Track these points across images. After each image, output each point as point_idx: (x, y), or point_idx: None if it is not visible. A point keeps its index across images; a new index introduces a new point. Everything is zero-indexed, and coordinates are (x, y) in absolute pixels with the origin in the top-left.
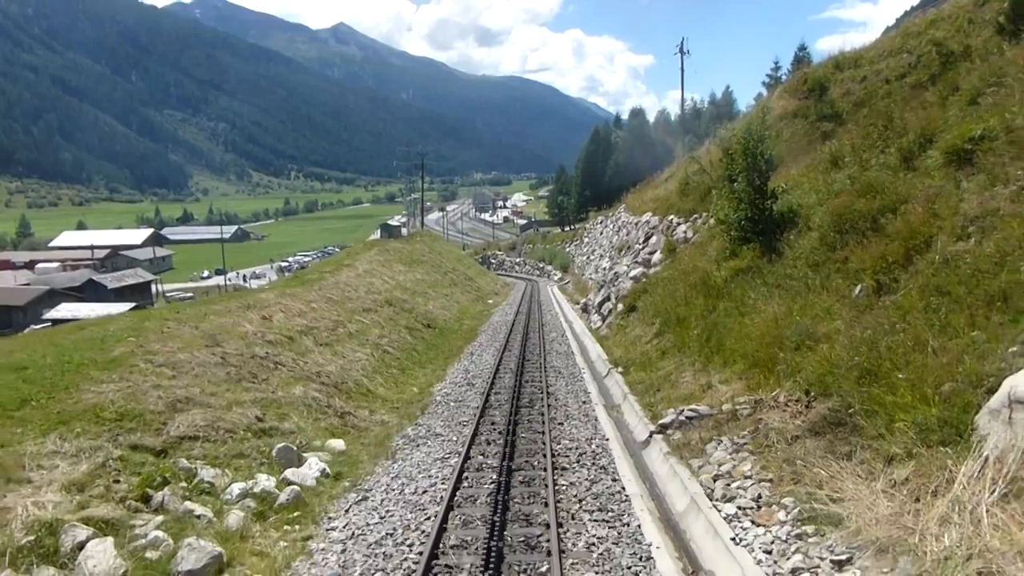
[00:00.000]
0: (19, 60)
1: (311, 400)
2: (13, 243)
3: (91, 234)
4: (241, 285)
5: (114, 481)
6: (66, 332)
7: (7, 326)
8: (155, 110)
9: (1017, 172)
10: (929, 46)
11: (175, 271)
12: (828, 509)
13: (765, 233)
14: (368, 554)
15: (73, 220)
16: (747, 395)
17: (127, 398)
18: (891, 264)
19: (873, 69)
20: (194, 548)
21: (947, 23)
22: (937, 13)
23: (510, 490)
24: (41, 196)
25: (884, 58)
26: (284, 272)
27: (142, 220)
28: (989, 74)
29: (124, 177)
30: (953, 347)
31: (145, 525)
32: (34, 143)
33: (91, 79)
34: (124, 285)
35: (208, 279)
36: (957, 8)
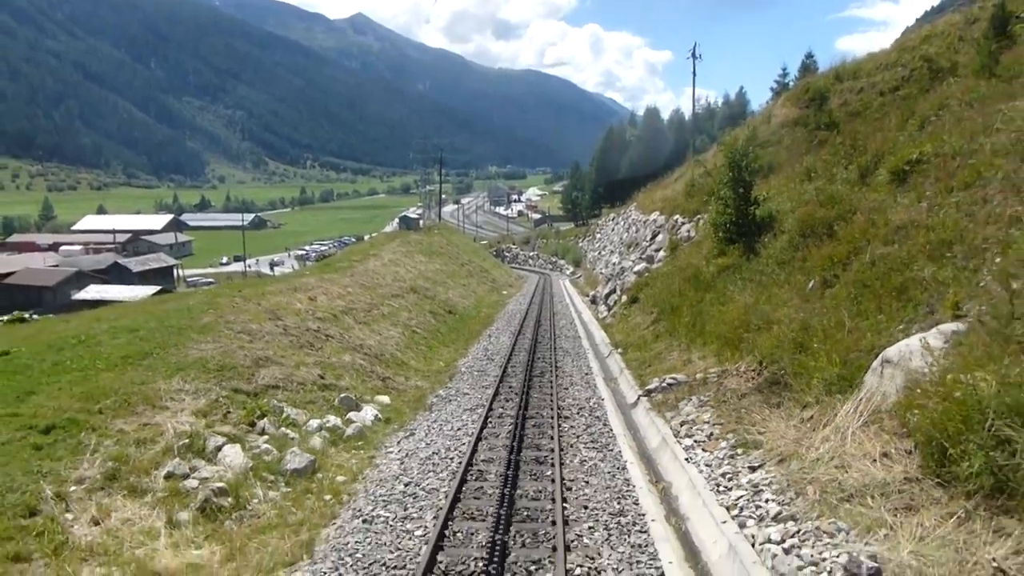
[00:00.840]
0: (42, 46)
1: (358, 366)
2: (36, 225)
3: (113, 218)
4: (263, 272)
5: (226, 412)
6: (155, 304)
7: (37, 305)
8: (173, 97)
9: (930, 191)
10: (920, 61)
11: (194, 257)
12: (754, 438)
13: (747, 235)
14: (420, 465)
15: (92, 204)
16: (717, 367)
17: (222, 355)
18: (836, 263)
19: (870, 81)
20: (296, 454)
21: (939, 39)
22: (931, 29)
23: (524, 429)
24: (61, 180)
25: (880, 71)
26: (305, 261)
27: (160, 206)
28: (937, 103)
29: (142, 163)
30: (862, 327)
31: (255, 441)
32: (55, 128)
33: (111, 66)
34: (147, 269)
35: (227, 265)
36: (949, 25)
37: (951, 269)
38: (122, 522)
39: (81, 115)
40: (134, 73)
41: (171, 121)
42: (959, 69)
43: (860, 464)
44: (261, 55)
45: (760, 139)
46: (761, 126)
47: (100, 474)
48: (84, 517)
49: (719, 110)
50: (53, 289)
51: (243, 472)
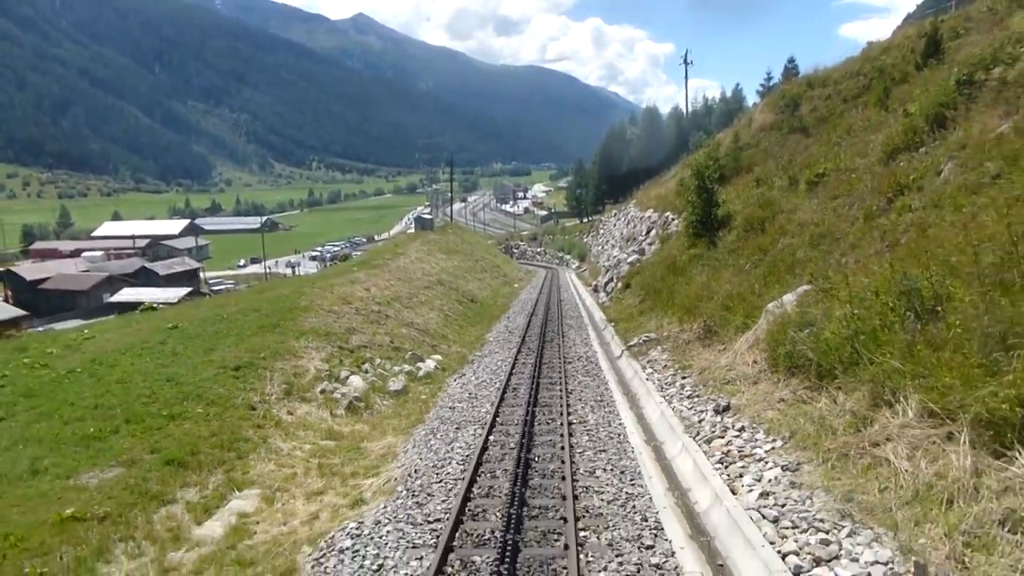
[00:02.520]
0: (48, 53)
1: (413, 336)
2: (55, 232)
3: (131, 224)
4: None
5: (340, 360)
6: (257, 292)
7: (72, 308)
8: (178, 102)
9: (823, 197)
10: (876, 72)
11: (212, 260)
12: (689, 364)
13: (710, 230)
14: (475, 387)
15: (103, 210)
16: (677, 327)
17: (325, 325)
18: (761, 250)
19: (836, 89)
20: (394, 382)
21: (895, 51)
22: (890, 42)
23: (541, 369)
24: (71, 187)
25: (846, 79)
26: (325, 262)
27: (174, 211)
28: (845, 128)
29: (149, 168)
30: (766, 292)
31: (366, 375)
32: (63, 134)
33: (116, 71)
34: (173, 272)
35: (245, 267)
36: (904, 38)
37: (818, 252)
38: (304, 414)
39: (88, 121)
40: (139, 78)
41: (177, 126)
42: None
43: (740, 367)
44: (264, 57)
45: (742, 142)
46: (743, 130)
47: (280, 390)
48: (281, 411)
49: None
50: (87, 293)
51: (365, 391)
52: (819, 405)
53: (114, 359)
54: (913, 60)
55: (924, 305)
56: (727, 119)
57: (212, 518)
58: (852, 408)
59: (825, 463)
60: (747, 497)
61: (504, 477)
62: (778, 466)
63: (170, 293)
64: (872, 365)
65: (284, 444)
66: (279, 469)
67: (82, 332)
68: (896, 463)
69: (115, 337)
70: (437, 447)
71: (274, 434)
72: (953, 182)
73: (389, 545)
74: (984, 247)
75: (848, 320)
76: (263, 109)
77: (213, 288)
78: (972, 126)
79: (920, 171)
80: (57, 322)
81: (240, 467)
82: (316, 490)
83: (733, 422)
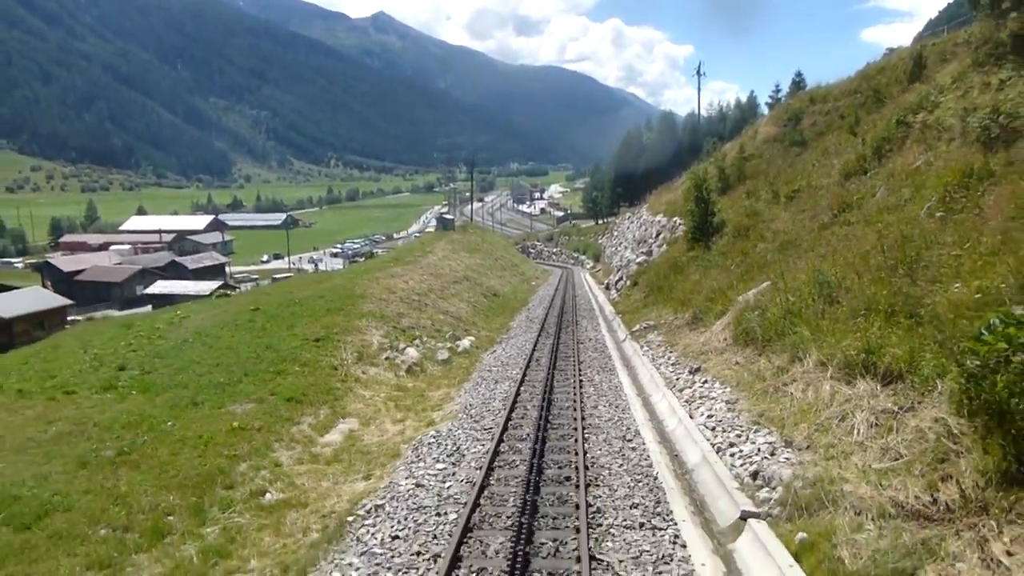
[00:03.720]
0: (73, 48)
1: (450, 321)
2: (82, 226)
3: (157, 219)
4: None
5: (396, 336)
6: (316, 282)
7: (107, 299)
8: (200, 98)
9: (795, 210)
10: (871, 91)
11: (236, 255)
12: (676, 342)
13: (707, 235)
14: (505, 359)
15: (126, 204)
16: (672, 316)
17: (379, 310)
18: (744, 253)
19: (835, 105)
20: (441, 353)
21: (889, 71)
22: (886, 62)
23: (558, 348)
24: (93, 180)
25: (844, 96)
26: (349, 259)
27: (196, 206)
28: (821, 150)
29: (171, 163)
30: (740, 288)
31: (407, 348)
32: (86, 129)
33: (139, 67)
34: (202, 266)
35: (268, 263)
36: (899, 59)
37: (783, 256)
38: (374, 374)
39: (111, 116)
40: (162, 74)
41: (198, 121)
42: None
43: (712, 343)
44: (285, 55)
45: (747, 152)
46: (748, 142)
47: (352, 357)
48: (357, 371)
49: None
50: (121, 285)
51: (419, 359)
52: (759, 364)
53: (216, 332)
54: (903, 81)
55: (830, 292)
56: (741, 125)
57: (329, 433)
58: (777, 364)
59: (753, 397)
60: (698, 419)
61: (533, 408)
62: (722, 401)
63: (202, 286)
64: (793, 335)
65: (365, 392)
66: (366, 407)
67: (176, 312)
68: (794, 394)
69: (206, 317)
70: (483, 393)
71: (355, 386)
72: (880, 203)
73: (460, 439)
74: (874, 252)
75: (782, 305)
76: (283, 106)
77: (240, 283)
78: (899, 159)
79: (862, 192)
80: (95, 311)
81: (338, 406)
82: (398, 418)
83: (700, 378)
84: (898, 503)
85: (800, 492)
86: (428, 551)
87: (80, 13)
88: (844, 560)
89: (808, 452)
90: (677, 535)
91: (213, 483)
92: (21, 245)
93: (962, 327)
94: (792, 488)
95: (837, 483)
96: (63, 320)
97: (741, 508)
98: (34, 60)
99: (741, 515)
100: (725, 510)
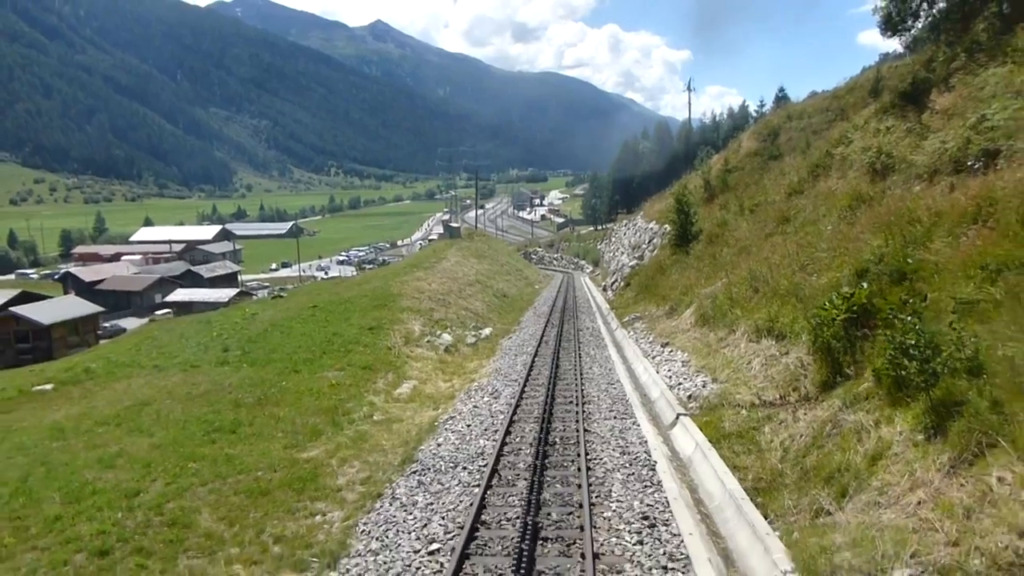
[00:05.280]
0: (73, 61)
1: (471, 316)
2: (91, 237)
3: (166, 230)
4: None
5: (432, 326)
6: (357, 284)
7: (127, 307)
8: (200, 108)
9: (752, 221)
10: (839, 110)
11: (244, 264)
12: (656, 328)
13: (686, 242)
14: (520, 342)
15: (128, 215)
16: (655, 309)
17: (414, 305)
18: (714, 257)
19: (809, 122)
20: (470, 338)
21: (857, 91)
22: (855, 82)
23: (563, 334)
24: (96, 192)
25: (817, 114)
26: (362, 267)
27: (203, 217)
28: (779, 170)
29: (172, 173)
30: (707, 284)
31: (441, 334)
32: (88, 141)
33: (139, 79)
34: (216, 275)
35: (277, 271)
36: (866, 79)
37: (739, 258)
38: (419, 352)
39: (113, 128)
40: (162, 85)
41: (199, 132)
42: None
43: (681, 326)
44: (284, 65)
45: (730, 165)
46: (732, 155)
47: (401, 340)
48: (406, 350)
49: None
50: (140, 293)
51: (453, 342)
52: (709, 336)
53: (288, 324)
54: (866, 100)
55: (756, 284)
56: (733, 133)
57: (399, 388)
58: (720, 335)
59: (700, 357)
60: (662, 373)
61: (545, 369)
62: (680, 361)
63: (220, 293)
64: (731, 315)
65: (416, 364)
66: (420, 373)
67: (246, 309)
68: (726, 353)
69: (273, 313)
70: (507, 362)
71: (408, 360)
72: (807, 217)
73: (497, 386)
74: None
75: (726, 295)
76: (283, 116)
77: (254, 291)
78: (824, 183)
79: (798, 208)
80: (118, 319)
81: (400, 372)
82: (446, 379)
83: (667, 350)
84: (762, 400)
85: (711, 400)
86: (490, 432)
87: (80, 26)
88: (725, 428)
89: (723, 383)
90: (637, 424)
91: (335, 412)
92: (33, 257)
93: (818, 302)
94: (708, 399)
95: (732, 394)
96: (96, 327)
97: (676, 412)
98: (36, 74)
99: (676, 416)
100: (669, 416)
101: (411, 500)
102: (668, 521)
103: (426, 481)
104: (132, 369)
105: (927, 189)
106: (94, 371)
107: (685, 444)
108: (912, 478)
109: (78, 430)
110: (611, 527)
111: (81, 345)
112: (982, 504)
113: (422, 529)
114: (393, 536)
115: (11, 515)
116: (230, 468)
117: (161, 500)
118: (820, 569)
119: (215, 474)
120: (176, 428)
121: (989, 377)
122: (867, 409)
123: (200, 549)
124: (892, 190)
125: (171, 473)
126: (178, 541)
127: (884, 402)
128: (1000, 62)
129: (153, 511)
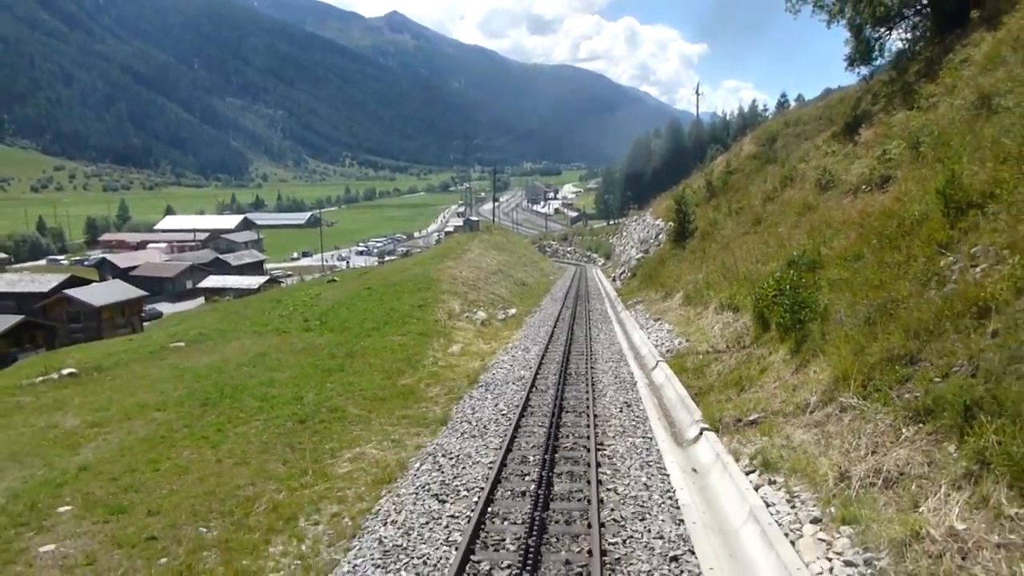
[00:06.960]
0: (92, 50)
1: (498, 299)
2: (115, 225)
3: (189, 218)
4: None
5: (468, 305)
6: (400, 271)
7: (159, 292)
8: (217, 98)
9: (736, 221)
10: (829, 119)
11: (265, 253)
12: (652, 309)
13: (684, 238)
14: (541, 320)
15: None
16: (654, 294)
17: (452, 288)
18: (703, 251)
19: (804, 128)
20: (500, 315)
21: (848, 100)
22: (845, 93)
23: (576, 313)
24: (114, 180)
25: (812, 120)
26: (382, 257)
27: (223, 206)
28: (763, 177)
29: (189, 162)
30: (695, 273)
31: (477, 312)
32: (107, 129)
33: (157, 68)
34: (243, 263)
35: (298, 260)
36: (859, 89)
37: (722, 252)
38: (461, 324)
39: (131, 116)
40: (179, 75)
41: (215, 121)
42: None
43: (671, 306)
44: (300, 55)
45: (732, 167)
46: (733, 158)
47: (444, 316)
48: (451, 324)
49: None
50: (173, 280)
51: (487, 318)
52: (689, 312)
53: (350, 302)
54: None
55: (726, 272)
56: (743, 130)
57: (450, 348)
58: (697, 311)
59: (680, 327)
60: (651, 339)
61: (563, 335)
62: (665, 331)
63: (249, 280)
64: (706, 295)
65: (460, 333)
66: (465, 339)
67: (309, 291)
68: (698, 322)
69: (334, 295)
70: (532, 333)
71: (453, 330)
72: (773, 220)
73: (527, 345)
74: (754, 250)
75: (704, 281)
76: (299, 106)
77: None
78: (788, 192)
79: (770, 212)
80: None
81: (449, 337)
82: (485, 343)
83: (658, 323)
84: (714, 349)
85: (681, 352)
86: (527, 368)
87: (99, 15)
88: (686, 365)
89: (692, 341)
90: (628, 366)
91: (410, 361)
92: (60, 244)
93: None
94: (679, 351)
95: (695, 345)
96: (139, 310)
97: (657, 360)
98: (56, 62)
99: (656, 362)
100: (651, 362)
101: (483, 398)
102: (640, 403)
103: (490, 390)
104: (236, 333)
105: (850, 202)
106: (207, 335)
107: (658, 376)
108: (777, 378)
109: (228, 369)
110: (605, 407)
111: (127, 327)
112: (805, 383)
113: (494, 407)
114: (478, 410)
115: (228, 408)
116: (353, 388)
117: (319, 401)
118: (714, 418)
119: (346, 390)
120: (298, 368)
121: (823, 321)
122: (767, 346)
123: (358, 421)
124: (828, 202)
125: (315, 390)
126: (343, 418)
127: (776, 341)
128: (909, 106)
129: (317, 406)
